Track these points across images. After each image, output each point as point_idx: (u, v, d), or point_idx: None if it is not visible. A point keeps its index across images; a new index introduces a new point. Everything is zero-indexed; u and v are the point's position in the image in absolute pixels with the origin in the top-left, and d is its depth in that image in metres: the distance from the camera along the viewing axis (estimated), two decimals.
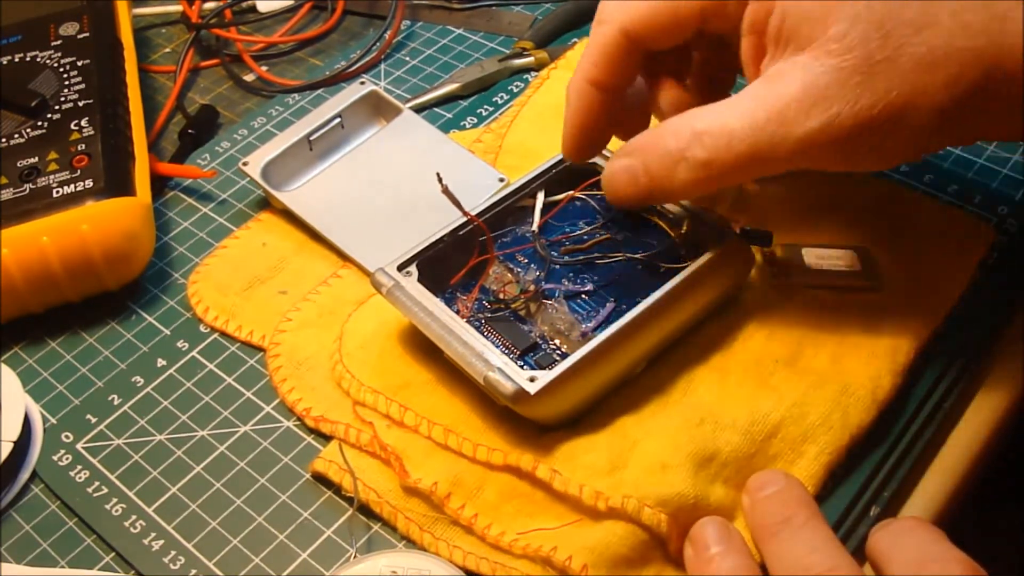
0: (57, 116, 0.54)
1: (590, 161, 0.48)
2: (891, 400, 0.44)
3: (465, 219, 0.46)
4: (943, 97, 0.38)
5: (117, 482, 0.45)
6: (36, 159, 0.52)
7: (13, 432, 0.46)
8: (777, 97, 0.39)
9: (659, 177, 0.42)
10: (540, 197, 0.48)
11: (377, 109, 0.57)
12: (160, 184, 0.57)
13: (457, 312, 0.44)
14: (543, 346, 0.44)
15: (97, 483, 0.45)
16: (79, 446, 0.46)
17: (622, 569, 0.39)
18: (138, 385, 0.49)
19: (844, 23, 0.38)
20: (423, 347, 0.46)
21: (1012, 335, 0.48)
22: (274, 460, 0.45)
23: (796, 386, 0.43)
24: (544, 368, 0.41)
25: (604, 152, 0.48)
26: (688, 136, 0.41)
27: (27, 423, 0.47)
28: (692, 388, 0.44)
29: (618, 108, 0.46)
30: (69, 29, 0.58)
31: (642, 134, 0.43)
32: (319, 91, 0.62)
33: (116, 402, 0.48)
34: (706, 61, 0.48)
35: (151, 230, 0.52)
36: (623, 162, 0.43)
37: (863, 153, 0.40)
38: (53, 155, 0.52)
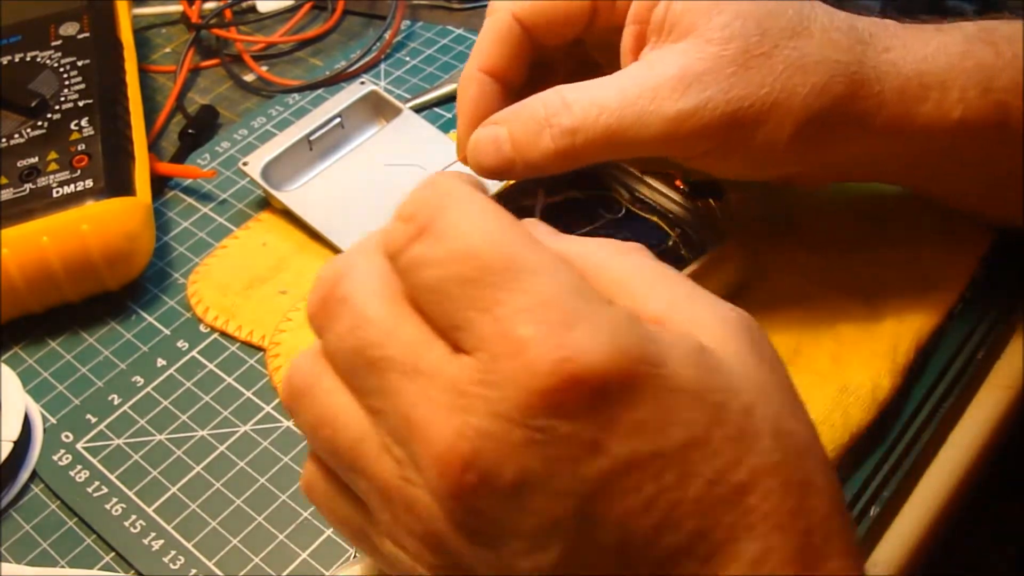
0: (57, 116, 0.54)
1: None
2: (891, 400, 0.44)
3: None
4: (811, 101, 0.39)
5: (117, 482, 0.45)
6: (36, 159, 0.52)
7: (13, 432, 0.46)
8: (652, 76, 0.40)
9: (523, 144, 0.41)
10: (540, 197, 0.48)
11: (377, 109, 0.57)
12: (160, 184, 0.57)
13: None
14: None
15: (97, 483, 0.45)
16: (79, 446, 0.46)
17: None
18: (138, 385, 0.49)
19: (727, 16, 0.40)
20: None
21: (1012, 335, 0.48)
22: (274, 460, 0.45)
23: (796, 385, 0.43)
24: None
25: None
26: (557, 104, 0.40)
27: (27, 423, 0.47)
28: None
29: (508, 101, 0.44)
30: (69, 29, 0.58)
31: (512, 105, 0.42)
32: (319, 91, 0.62)
33: (116, 402, 0.48)
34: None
35: (151, 230, 0.52)
36: (488, 129, 0.42)
37: (729, 148, 0.40)
38: (53, 155, 0.52)
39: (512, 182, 0.49)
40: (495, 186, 0.53)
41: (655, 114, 0.39)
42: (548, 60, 0.46)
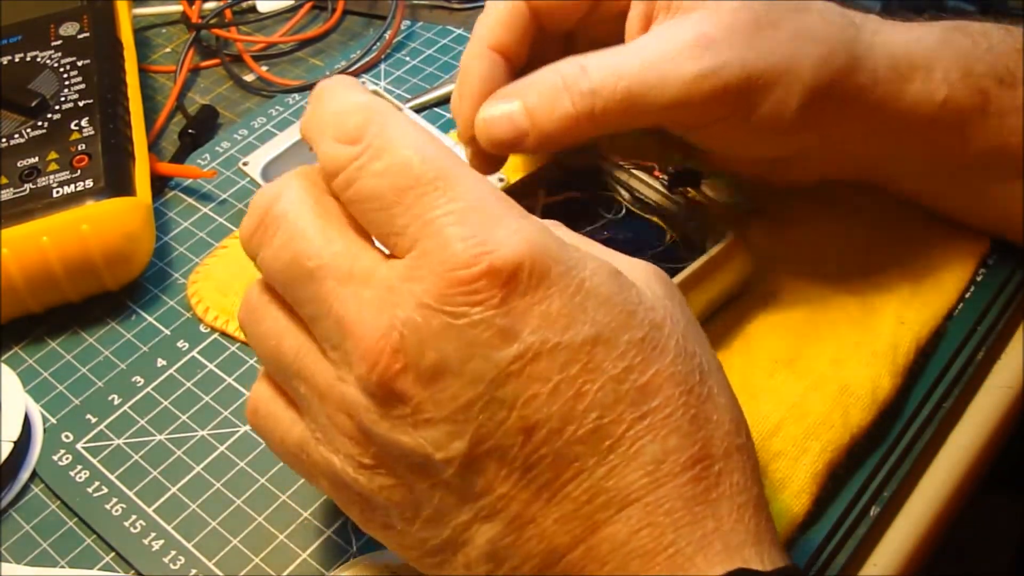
0: (57, 116, 0.54)
1: (590, 161, 0.48)
2: (891, 400, 0.44)
3: None
4: (818, 69, 0.41)
5: (117, 482, 0.45)
6: (36, 159, 0.52)
7: (13, 432, 0.46)
8: (670, 41, 0.41)
9: (539, 113, 0.41)
10: (540, 197, 0.48)
11: None
12: (160, 184, 0.57)
13: None
14: None
15: (97, 483, 0.45)
16: (79, 446, 0.46)
17: None
18: (138, 385, 0.49)
19: None
20: None
21: (1012, 335, 0.48)
22: (274, 460, 0.45)
23: (796, 386, 0.43)
24: None
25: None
26: (575, 71, 0.41)
27: (27, 423, 0.47)
28: None
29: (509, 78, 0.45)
30: (69, 29, 0.58)
31: (518, 80, 0.43)
32: None
33: (116, 402, 0.48)
34: None
35: (151, 230, 0.52)
36: (500, 102, 0.42)
37: (740, 116, 0.42)
38: (53, 155, 0.52)
39: (509, 184, 0.49)
40: None
41: (674, 75, 0.40)
42: (541, 49, 0.46)
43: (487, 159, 0.44)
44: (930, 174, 0.47)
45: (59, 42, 0.58)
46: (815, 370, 0.44)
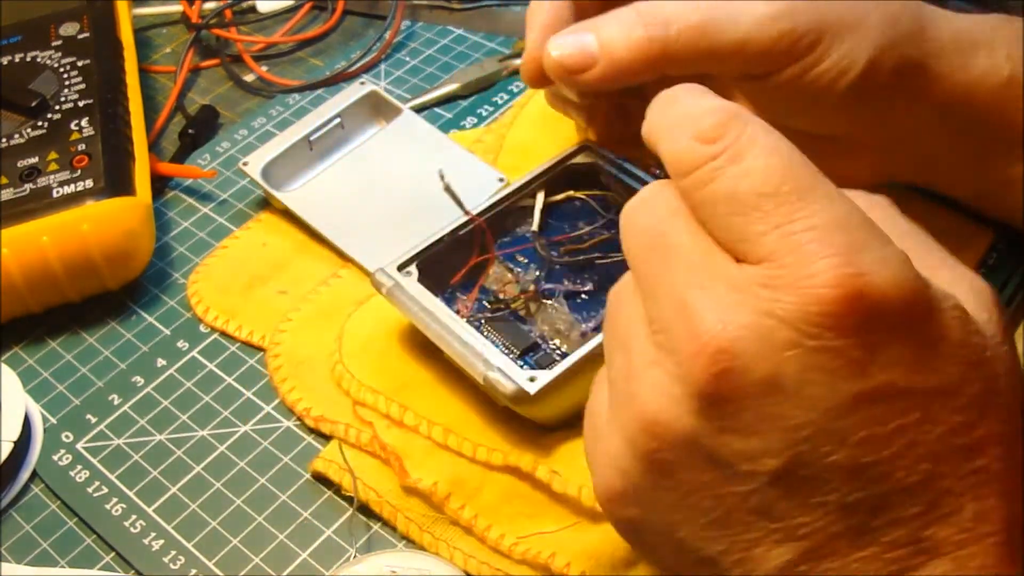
0: (57, 116, 0.54)
1: (590, 161, 0.48)
2: None
3: (465, 219, 0.46)
4: (886, 28, 0.41)
5: (117, 482, 0.45)
6: (36, 159, 0.52)
7: (13, 432, 0.46)
8: None
9: (612, 40, 0.42)
10: (540, 197, 0.48)
11: (377, 109, 0.57)
12: (160, 184, 0.57)
13: (457, 312, 0.44)
14: (543, 346, 0.44)
15: (97, 483, 0.45)
16: (79, 446, 0.46)
17: (620, 570, 0.39)
18: (138, 385, 0.49)
19: None
20: (423, 347, 0.46)
21: (1013, 335, 0.48)
22: (274, 460, 0.45)
23: None
24: (544, 368, 0.41)
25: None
26: (649, 4, 0.42)
27: (27, 423, 0.47)
28: None
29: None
30: (69, 29, 0.58)
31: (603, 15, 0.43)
32: (319, 91, 0.62)
33: (116, 402, 0.48)
34: None
35: (151, 230, 0.52)
36: (572, 33, 0.43)
37: (804, 69, 0.41)
38: (53, 155, 0.52)
39: (509, 184, 0.49)
40: (491, 191, 0.53)
41: (745, 12, 0.41)
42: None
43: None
44: (971, 162, 0.46)
45: (59, 42, 0.58)
46: None
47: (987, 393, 0.29)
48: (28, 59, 0.57)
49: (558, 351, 0.44)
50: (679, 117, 0.32)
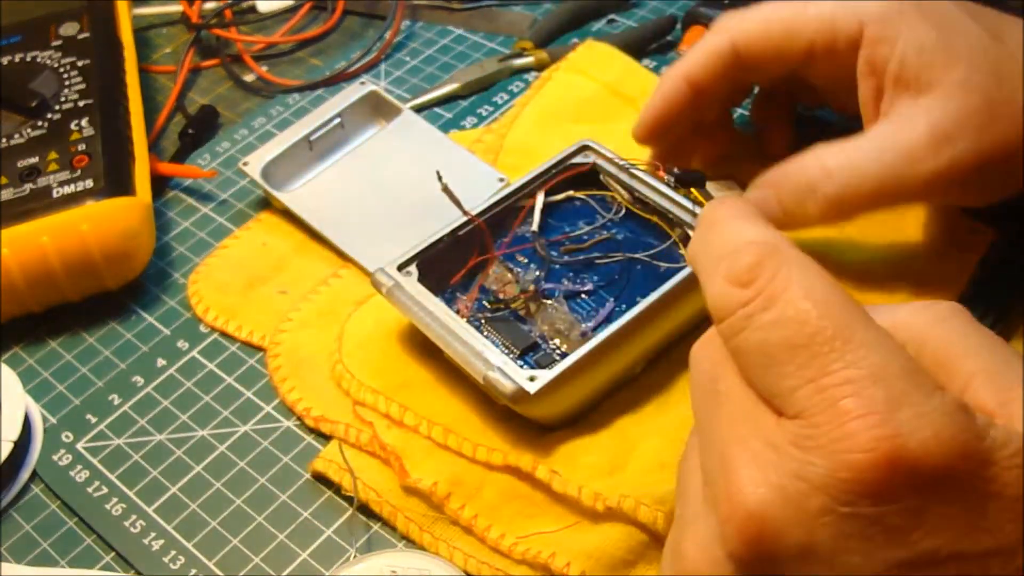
0: (57, 116, 0.54)
1: (590, 161, 0.48)
2: None
3: (465, 219, 0.46)
4: None
5: (117, 482, 0.45)
6: (36, 159, 0.52)
7: (13, 432, 0.46)
8: (905, 139, 0.42)
9: (791, 209, 0.44)
10: (540, 197, 0.48)
11: (377, 109, 0.57)
12: (160, 184, 0.57)
13: (457, 312, 0.44)
14: (543, 346, 0.44)
15: (97, 483, 0.45)
16: (79, 446, 0.46)
17: (619, 570, 0.39)
18: (138, 385, 0.49)
19: (962, 70, 0.42)
20: (423, 347, 0.46)
21: (1012, 335, 0.48)
22: (274, 460, 0.45)
23: None
24: (544, 368, 0.41)
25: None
26: (820, 174, 0.43)
27: (27, 423, 0.47)
28: None
29: (699, 114, 0.48)
30: (69, 29, 0.58)
31: (774, 169, 0.45)
32: (319, 91, 0.62)
33: (116, 402, 0.48)
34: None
35: (151, 230, 0.52)
36: (756, 193, 0.45)
37: (979, 187, 0.43)
38: (53, 155, 0.52)
39: (509, 184, 0.49)
40: (491, 191, 0.53)
41: (912, 176, 0.42)
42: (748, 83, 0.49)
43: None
44: None
45: (59, 42, 0.58)
46: None
47: None
48: (28, 59, 0.57)
49: (558, 351, 0.44)
50: (717, 251, 0.31)
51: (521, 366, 0.41)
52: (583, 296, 0.45)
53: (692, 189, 0.47)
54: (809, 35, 0.45)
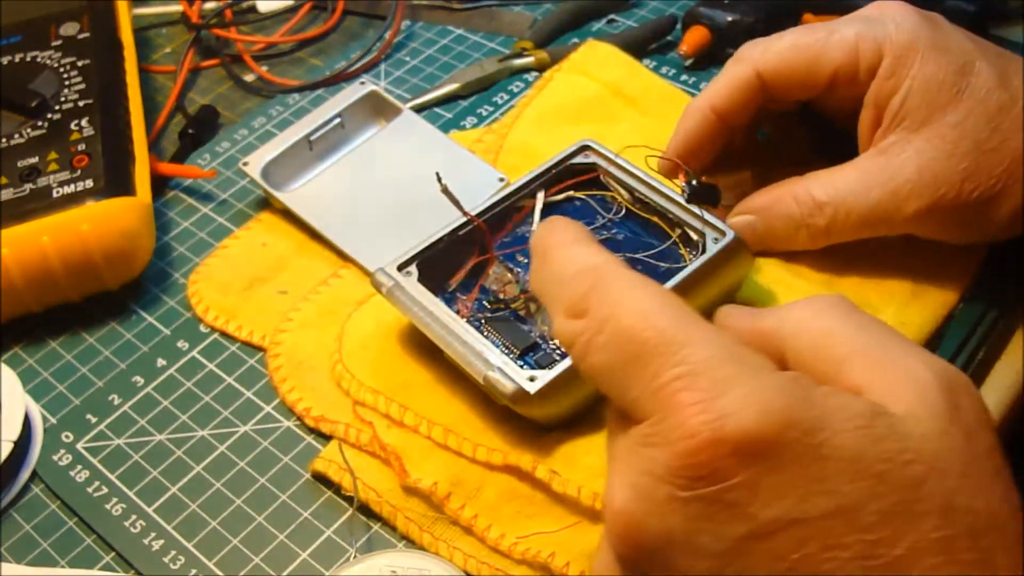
0: (57, 116, 0.54)
1: (590, 161, 0.48)
2: None
3: (465, 219, 0.46)
4: None
5: (117, 482, 0.45)
6: (36, 159, 0.52)
7: (13, 432, 0.46)
8: (892, 176, 0.44)
9: (779, 238, 0.47)
10: (540, 197, 0.48)
11: (377, 109, 0.57)
12: (160, 184, 0.57)
13: (457, 312, 0.44)
14: (543, 346, 0.44)
15: (97, 483, 0.45)
16: (79, 446, 0.46)
17: None
18: (138, 385, 0.49)
19: (959, 114, 0.44)
20: (423, 347, 0.46)
21: (1012, 335, 0.48)
22: (274, 460, 0.45)
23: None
24: (544, 368, 0.41)
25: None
26: (810, 206, 0.46)
27: (27, 423, 0.47)
28: None
29: (724, 142, 0.49)
30: (69, 29, 0.58)
31: (760, 193, 0.48)
32: (319, 91, 0.62)
33: (116, 402, 0.48)
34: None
35: (151, 230, 0.52)
36: (746, 219, 0.47)
37: (957, 226, 0.45)
38: (53, 155, 0.52)
39: (509, 184, 0.49)
40: (491, 191, 0.53)
41: (896, 212, 0.44)
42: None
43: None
44: None
45: (59, 42, 0.58)
46: None
47: (905, 503, 0.28)
48: (28, 59, 0.57)
49: (558, 351, 0.44)
50: (552, 284, 0.34)
51: (521, 366, 0.41)
52: None
53: (708, 206, 0.47)
54: (833, 64, 0.46)
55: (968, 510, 0.28)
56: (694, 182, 0.46)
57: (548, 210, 0.48)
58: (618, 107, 0.56)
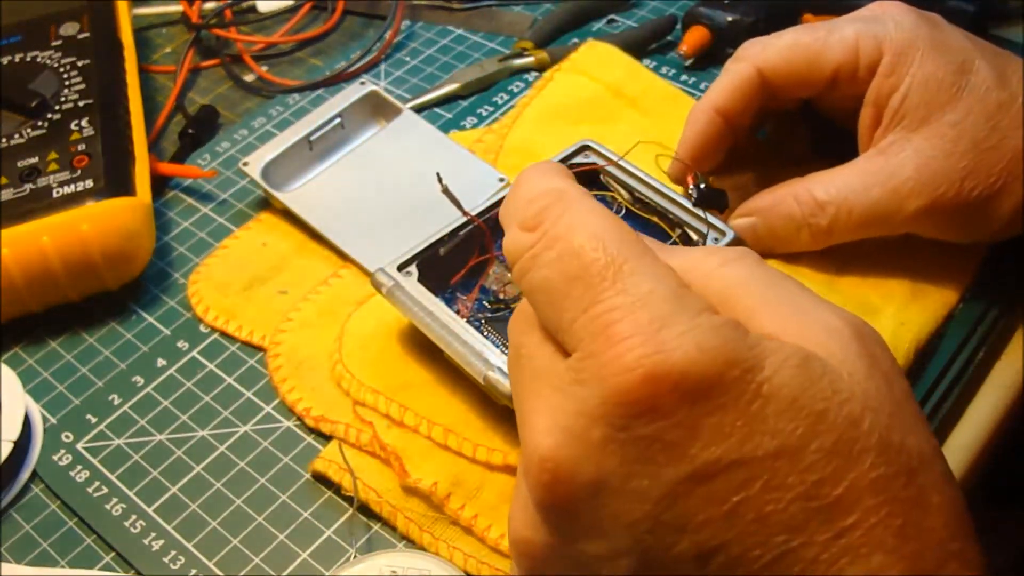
0: (57, 116, 0.54)
1: (590, 161, 0.48)
2: None
3: (465, 219, 0.46)
4: None
5: (117, 482, 0.45)
6: (36, 159, 0.52)
7: (13, 432, 0.46)
8: (892, 175, 0.44)
9: (781, 239, 0.47)
10: None
11: (377, 109, 0.57)
12: (160, 184, 0.57)
13: (457, 312, 0.44)
14: None
15: (97, 483, 0.45)
16: (79, 446, 0.46)
17: None
18: (138, 385, 0.49)
19: (958, 114, 0.44)
20: (423, 347, 0.46)
21: (1012, 335, 0.48)
22: (274, 460, 0.45)
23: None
24: None
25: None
26: (812, 206, 0.46)
27: (27, 423, 0.47)
28: None
29: (730, 142, 0.49)
30: (69, 29, 0.58)
31: (761, 195, 0.47)
32: (319, 91, 0.62)
33: (116, 402, 0.48)
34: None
35: (151, 230, 0.52)
36: (748, 220, 0.47)
37: (958, 225, 0.45)
38: (53, 155, 0.52)
39: (510, 184, 0.49)
40: (491, 191, 0.53)
41: (898, 212, 0.45)
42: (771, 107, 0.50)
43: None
44: None
45: (59, 42, 0.58)
46: None
47: (840, 443, 0.27)
48: (28, 59, 0.57)
49: None
50: (516, 202, 0.32)
51: None
52: None
53: (715, 211, 0.47)
54: (834, 62, 0.46)
55: (902, 448, 0.28)
56: (703, 186, 0.46)
57: None
58: (618, 107, 0.56)
